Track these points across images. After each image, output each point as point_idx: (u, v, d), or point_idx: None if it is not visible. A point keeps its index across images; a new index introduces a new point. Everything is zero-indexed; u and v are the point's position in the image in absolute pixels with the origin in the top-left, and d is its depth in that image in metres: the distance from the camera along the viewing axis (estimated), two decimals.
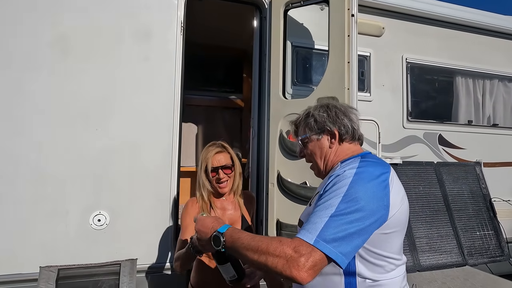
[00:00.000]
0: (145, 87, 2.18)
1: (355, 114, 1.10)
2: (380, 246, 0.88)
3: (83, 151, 2.03)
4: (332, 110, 1.08)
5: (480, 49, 3.31)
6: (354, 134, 1.06)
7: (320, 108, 1.10)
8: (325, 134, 1.08)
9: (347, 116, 1.07)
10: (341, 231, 0.80)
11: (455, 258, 2.61)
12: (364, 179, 0.88)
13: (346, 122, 1.06)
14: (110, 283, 1.88)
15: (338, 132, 1.06)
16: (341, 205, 0.82)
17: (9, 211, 1.88)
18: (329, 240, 0.78)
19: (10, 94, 1.94)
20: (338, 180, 0.89)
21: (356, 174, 0.88)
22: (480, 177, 3.06)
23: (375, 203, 0.85)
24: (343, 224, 0.80)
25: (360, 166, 0.92)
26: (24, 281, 1.83)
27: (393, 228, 0.89)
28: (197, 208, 1.50)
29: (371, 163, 0.95)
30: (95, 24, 2.11)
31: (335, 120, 1.06)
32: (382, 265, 0.89)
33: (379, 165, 0.95)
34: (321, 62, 2.67)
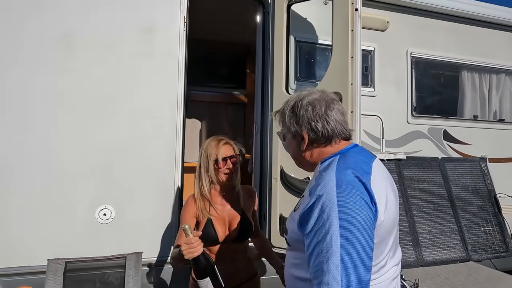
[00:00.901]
0: (149, 83, 2.20)
1: (336, 110, 0.97)
2: None
3: (89, 147, 2.06)
4: (300, 113, 0.96)
5: (486, 43, 3.26)
6: (327, 136, 0.95)
7: (293, 108, 0.99)
8: (296, 136, 1.00)
9: (322, 117, 0.95)
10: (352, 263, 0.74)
11: (459, 254, 2.61)
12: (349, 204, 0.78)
13: (317, 125, 0.94)
14: (116, 275, 1.92)
15: (308, 136, 0.96)
16: (344, 249, 0.75)
17: (18, 205, 1.93)
18: (355, 282, 0.73)
19: (18, 91, 1.97)
20: (323, 211, 0.80)
21: (338, 200, 0.79)
22: (485, 173, 3.04)
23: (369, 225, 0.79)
24: (355, 267, 0.73)
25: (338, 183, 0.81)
26: (33, 273, 1.88)
27: (380, 237, 0.84)
28: (196, 206, 1.51)
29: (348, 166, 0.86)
30: (99, 21, 2.12)
31: (304, 125, 0.96)
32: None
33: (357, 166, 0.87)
34: (324, 57, 2.65)
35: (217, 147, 1.51)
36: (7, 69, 1.96)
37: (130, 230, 2.07)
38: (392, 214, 0.88)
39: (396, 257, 0.94)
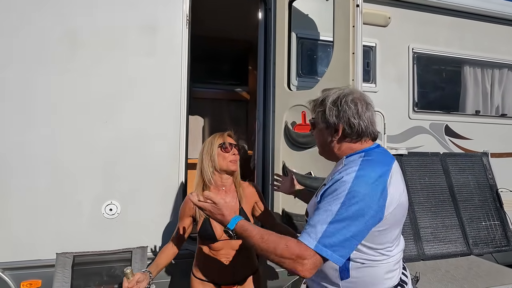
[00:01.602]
0: (152, 80, 2.22)
1: (371, 112, 1.07)
2: (373, 241, 0.97)
3: (94, 144, 2.09)
4: (342, 106, 1.04)
5: (489, 38, 3.25)
6: (361, 133, 1.05)
7: (335, 101, 1.07)
8: (329, 128, 1.08)
9: (360, 115, 1.04)
10: (339, 236, 0.89)
11: (460, 248, 2.63)
12: (362, 184, 0.92)
13: (354, 121, 1.03)
14: (122, 269, 1.96)
15: (342, 130, 1.05)
16: (340, 212, 0.90)
17: (26, 201, 1.97)
18: (328, 245, 0.89)
19: (23, 90, 2.01)
20: (339, 186, 0.94)
21: (355, 179, 0.93)
22: (487, 168, 3.05)
23: (372, 206, 0.91)
24: (340, 230, 0.89)
25: (360, 168, 0.96)
26: (42, 266, 1.93)
27: (388, 224, 0.96)
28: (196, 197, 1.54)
29: (372, 164, 0.98)
30: (102, 19, 2.14)
31: (343, 119, 1.04)
32: (373, 254, 0.99)
33: (379, 165, 0.98)
34: (326, 53, 2.66)
35: (223, 136, 1.58)
36: (10, 69, 1.99)
37: (135, 225, 2.12)
38: (402, 209, 1.01)
39: (401, 244, 1.08)
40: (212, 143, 1.56)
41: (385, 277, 0.99)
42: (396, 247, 1.03)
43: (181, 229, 1.58)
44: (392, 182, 0.96)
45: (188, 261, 2.20)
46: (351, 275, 0.98)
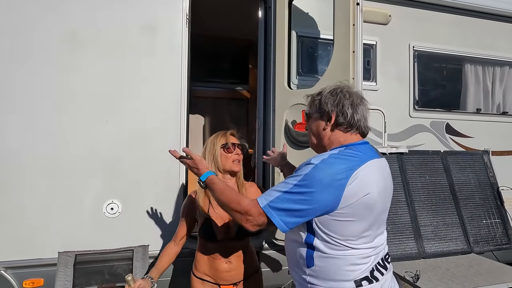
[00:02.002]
0: (153, 80, 2.23)
1: (365, 108, 1.13)
2: (333, 230, 1.03)
3: (95, 143, 2.10)
4: (338, 96, 1.11)
5: (490, 35, 3.23)
6: (352, 123, 1.10)
7: (332, 92, 1.14)
8: (324, 115, 1.13)
9: (354, 107, 1.10)
10: (287, 205, 1.00)
11: (461, 246, 2.63)
12: (321, 171, 0.99)
13: (347, 110, 1.09)
14: (124, 267, 1.97)
15: (336, 117, 1.11)
16: (294, 187, 1.00)
17: (28, 200, 1.98)
18: (275, 208, 1.01)
19: (24, 89, 2.02)
20: (305, 166, 1.03)
21: (318, 164, 1.01)
22: (488, 166, 3.04)
23: (323, 194, 0.98)
24: (290, 201, 1.00)
25: (329, 158, 1.03)
26: (45, 265, 1.94)
27: (347, 217, 1.01)
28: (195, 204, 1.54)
29: (342, 158, 1.03)
30: (103, 19, 2.15)
31: (337, 105, 1.10)
32: (336, 244, 1.03)
33: (349, 161, 1.02)
34: (326, 51, 2.66)
35: (225, 135, 1.56)
36: (11, 68, 2.00)
37: (136, 224, 2.13)
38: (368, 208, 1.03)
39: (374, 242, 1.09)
40: (214, 143, 1.54)
41: (346, 269, 1.04)
42: (364, 243, 1.06)
43: (183, 228, 1.59)
44: (357, 179, 1.00)
45: (189, 260, 2.21)
46: (315, 264, 1.05)
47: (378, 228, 1.10)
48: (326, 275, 1.05)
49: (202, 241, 1.57)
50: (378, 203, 1.05)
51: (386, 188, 1.10)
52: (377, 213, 1.06)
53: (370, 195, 1.01)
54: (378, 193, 1.05)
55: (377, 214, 1.06)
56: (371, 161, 1.06)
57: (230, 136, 1.58)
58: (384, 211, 1.12)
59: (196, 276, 1.57)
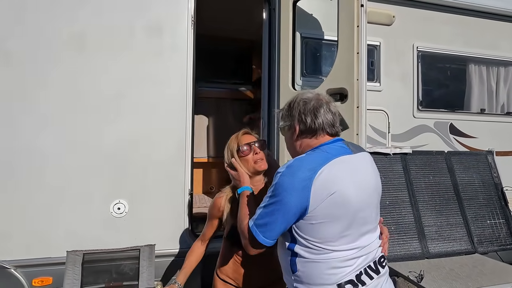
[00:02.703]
0: (158, 80, 2.25)
1: (325, 109, 1.14)
2: (310, 234, 1.04)
3: (102, 144, 2.13)
4: (293, 108, 1.17)
5: (494, 35, 3.23)
6: (314, 128, 1.13)
7: (290, 104, 1.20)
8: (290, 128, 1.19)
9: (311, 112, 1.13)
10: (265, 219, 1.05)
11: (464, 246, 2.63)
12: (286, 176, 1.03)
13: (306, 118, 1.13)
14: (130, 267, 2.00)
15: (299, 128, 1.16)
16: (269, 200, 1.06)
17: (37, 200, 2.02)
18: (258, 225, 1.07)
19: (33, 90, 2.05)
20: (274, 177, 1.08)
21: (284, 171, 1.05)
22: (492, 166, 3.04)
23: (291, 198, 1.01)
24: (266, 214, 1.06)
25: (293, 162, 1.07)
26: (53, 264, 1.98)
27: (321, 219, 1.02)
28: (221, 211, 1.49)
29: (306, 159, 1.07)
30: (109, 20, 2.17)
31: (296, 117, 1.16)
32: (315, 248, 1.04)
33: (313, 161, 1.04)
34: (330, 52, 2.67)
35: (237, 138, 1.47)
36: (20, 69, 2.03)
37: (143, 223, 2.16)
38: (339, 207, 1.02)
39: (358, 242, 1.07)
40: (230, 149, 1.46)
41: (328, 272, 1.04)
42: (345, 244, 1.04)
43: (211, 229, 1.56)
44: (322, 177, 1.00)
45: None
46: (298, 269, 1.08)
47: (361, 227, 1.07)
48: (309, 279, 1.06)
49: (228, 244, 1.52)
50: (352, 200, 1.03)
51: (364, 183, 1.09)
52: (353, 211, 1.04)
53: (338, 192, 1.00)
54: (352, 189, 1.03)
55: (354, 212, 1.04)
56: (339, 157, 1.06)
57: (242, 137, 1.47)
58: (364, 208, 1.07)
59: (220, 278, 1.53)
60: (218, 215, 1.51)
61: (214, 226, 1.56)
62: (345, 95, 2.04)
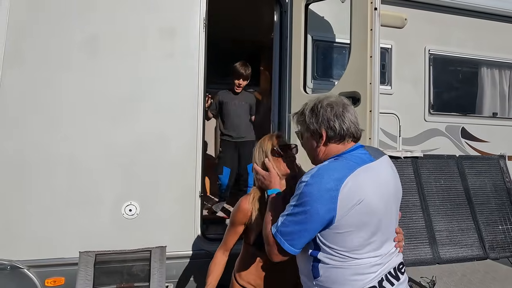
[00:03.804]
0: (170, 82, 2.26)
1: (351, 113, 1.13)
2: (337, 243, 1.04)
3: (113, 145, 2.14)
4: (320, 113, 1.12)
5: (506, 38, 3.19)
6: (343, 135, 1.11)
7: (313, 109, 1.15)
8: (314, 135, 1.15)
9: (339, 117, 1.11)
10: (291, 228, 1.04)
11: (476, 252, 2.60)
12: (313, 186, 1.02)
13: (335, 124, 1.10)
14: (142, 268, 2.01)
15: (326, 134, 1.12)
16: (293, 208, 1.05)
17: (50, 201, 2.04)
18: (283, 234, 1.06)
19: (45, 91, 2.07)
20: (299, 185, 1.07)
21: (309, 180, 1.03)
22: (504, 171, 3.00)
23: (318, 208, 1.00)
24: (293, 222, 1.04)
25: (318, 171, 1.04)
26: (66, 264, 1.99)
27: (346, 228, 1.02)
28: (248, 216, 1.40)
29: (331, 168, 1.05)
30: (122, 24, 2.19)
31: (324, 123, 1.11)
32: (340, 256, 1.05)
33: (338, 171, 1.03)
34: (341, 55, 2.66)
35: (271, 139, 1.43)
36: (33, 71, 2.05)
37: (154, 225, 2.16)
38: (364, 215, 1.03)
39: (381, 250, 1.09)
40: (264, 149, 1.41)
41: (352, 278, 1.04)
42: (370, 251, 1.05)
43: (235, 236, 1.46)
44: (348, 187, 1.00)
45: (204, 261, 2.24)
46: (320, 274, 1.08)
47: (384, 233, 1.08)
48: (332, 284, 1.06)
49: (254, 251, 1.42)
50: (378, 207, 1.04)
51: (386, 191, 1.09)
52: (379, 218, 1.05)
53: (365, 201, 1.01)
54: (376, 197, 1.04)
55: (379, 219, 1.05)
56: (363, 166, 1.06)
57: (276, 139, 1.44)
58: (389, 214, 1.09)
59: (239, 283, 1.46)
60: (244, 220, 1.41)
61: (238, 233, 1.45)
62: (357, 99, 2.03)
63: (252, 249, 1.43)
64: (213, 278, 1.45)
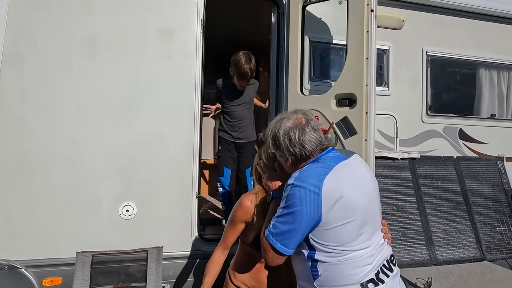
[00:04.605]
0: (168, 84, 2.27)
1: (309, 134, 1.16)
2: (329, 239, 1.09)
3: (111, 146, 2.16)
4: (280, 142, 1.17)
5: (504, 39, 3.19)
6: (306, 155, 1.17)
7: (273, 137, 1.19)
8: (282, 156, 1.21)
9: (298, 144, 1.15)
10: (282, 228, 1.08)
11: (473, 253, 2.61)
12: (297, 188, 1.07)
13: (295, 151, 1.15)
14: (138, 268, 2.02)
15: (291, 159, 1.19)
16: (282, 209, 1.10)
17: (48, 201, 2.05)
18: (275, 235, 1.10)
19: (45, 93, 2.09)
20: (285, 188, 1.12)
21: (294, 182, 1.09)
22: (502, 172, 3.00)
23: (304, 207, 1.05)
24: (283, 223, 1.09)
25: (299, 174, 1.11)
26: (63, 264, 2.01)
27: (334, 223, 1.07)
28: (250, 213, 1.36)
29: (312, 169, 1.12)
30: (119, 25, 2.20)
31: (284, 151, 1.17)
32: (335, 252, 1.09)
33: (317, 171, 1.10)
34: (338, 57, 2.67)
35: None
36: (35, 72, 2.07)
37: (151, 225, 2.17)
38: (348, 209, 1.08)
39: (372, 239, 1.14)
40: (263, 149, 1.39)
41: (350, 273, 1.09)
42: (363, 242, 1.10)
43: (234, 235, 1.42)
44: (328, 185, 1.06)
45: (201, 262, 2.26)
46: (320, 274, 1.11)
47: (373, 223, 1.14)
48: (332, 281, 1.10)
49: (251, 251, 1.41)
50: (359, 200, 1.10)
51: (364, 183, 1.16)
52: (363, 210, 1.11)
53: (347, 195, 1.07)
54: (356, 190, 1.11)
55: (364, 211, 1.11)
56: (339, 164, 1.14)
57: None
58: (371, 206, 1.15)
59: (234, 284, 1.44)
60: (245, 218, 1.36)
61: (238, 231, 1.39)
62: (354, 100, 2.03)
63: (249, 249, 1.40)
64: (210, 278, 1.42)
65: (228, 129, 2.89)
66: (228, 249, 1.46)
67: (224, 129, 2.91)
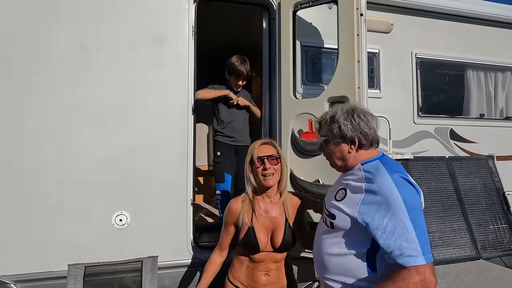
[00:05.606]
0: (160, 90, 2.25)
1: (376, 121, 1.23)
2: None
3: (104, 154, 2.12)
4: (356, 120, 1.19)
5: (491, 41, 3.28)
6: (372, 141, 1.21)
7: (346, 115, 1.21)
8: (346, 140, 1.21)
9: (369, 125, 1.20)
10: (426, 239, 1.03)
11: (469, 252, 2.62)
12: (409, 193, 1.06)
13: (367, 131, 1.19)
14: (133, 279, 1.97)
15: (358, 141, 1.19)
16: (414, 222, 1.02)
17: (38, 212, 1.99)
18: (428, 251, 1.03)
19: (34, 101, 2.04)
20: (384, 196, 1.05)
21: (396, 185, 1.06)
22: (493, 171, 3.05)
23: (420, 207, 1.09)
24: (423, 234, 1.03)
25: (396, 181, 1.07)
26: (54, 278, 1.94)
27: None
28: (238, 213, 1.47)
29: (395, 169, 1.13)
30: (112, 32, 2.18)
31: (358, 130, 1.19)
32: None
33: (399, 167, 1.15)
34: (330, 60, 2.69)
35: (254, 148, 1.45)
36: (25, 79, 2.03)
37: (145, 235, 2.13)
38: None
39: None
40: (248, 157, 1.47)
41: None
42: None
43: (227, 236, 1.53)
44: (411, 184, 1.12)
45: (198, 270, 2.22)
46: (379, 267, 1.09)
47: None
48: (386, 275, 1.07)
49: (243, 250, 1.49)
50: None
51: None
52: None
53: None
54: None
55: None
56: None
57: (260, 146, 1.46)
58: None
59: (232, 283, 1.51)
60: (233, 220, 1.50)
61: (230, 232, 1.52)
62: None
63: (240, 249, 1.51)
64: (207, 277, 1.52)
65: (227, 133, 2.79)
66: (225, 251, 1.57)
67: (222, 133, 2.81)
